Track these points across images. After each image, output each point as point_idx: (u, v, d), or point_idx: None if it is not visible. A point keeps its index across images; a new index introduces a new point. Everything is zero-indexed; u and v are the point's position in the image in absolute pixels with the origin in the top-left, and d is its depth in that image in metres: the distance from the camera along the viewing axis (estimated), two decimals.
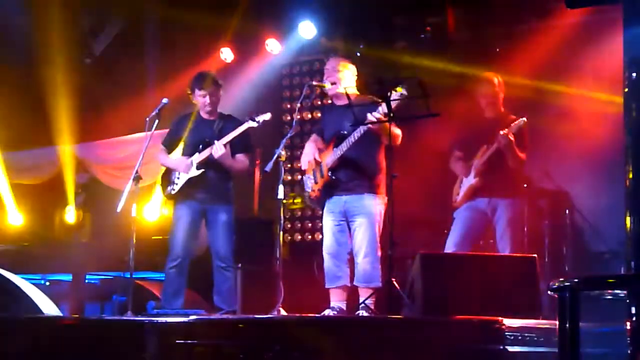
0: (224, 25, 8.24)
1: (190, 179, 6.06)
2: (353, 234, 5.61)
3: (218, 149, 5.94)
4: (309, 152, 5.83)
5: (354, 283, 5.60)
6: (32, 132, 9.06)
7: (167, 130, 6.39)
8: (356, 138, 5.48)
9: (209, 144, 6.02)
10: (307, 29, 8.13)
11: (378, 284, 5.47)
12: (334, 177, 5.65)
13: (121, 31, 8.78)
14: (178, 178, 6.11)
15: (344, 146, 5.56)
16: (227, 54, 8.57)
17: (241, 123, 6.13)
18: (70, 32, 8.56)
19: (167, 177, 6.21)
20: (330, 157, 5.68)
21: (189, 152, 6.15)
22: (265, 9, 8.09)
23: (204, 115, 6.21)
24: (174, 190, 6.11)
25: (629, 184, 3.26)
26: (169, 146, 6.29)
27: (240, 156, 6.13)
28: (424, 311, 4.14)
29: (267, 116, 6.07)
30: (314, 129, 5.99)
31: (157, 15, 8.29)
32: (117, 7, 8.46)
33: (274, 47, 8.46)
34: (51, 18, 8.20)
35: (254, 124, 6.01)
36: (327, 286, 5.68)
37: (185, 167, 6.06)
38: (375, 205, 5.57)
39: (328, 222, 5.70)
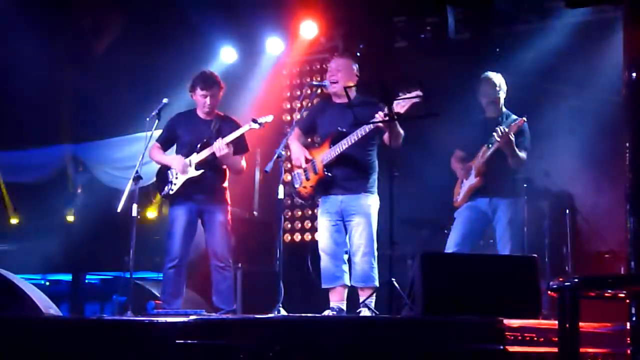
0: (225, 25, 8.24)
1: (188, 180, 6.04)
2: (350, 234, 5.61)
3: (220, 148, 5.92)
4: (300, 150, 5.80)
5: (352, 283, 5.60)
6: (32, 132, 9.06)
7: None
8: (358, 137, 5.48)
9: (207, 144, 6.01)
10: (307, 29, 8.12)
11: (376, 284, 5.48)
12: (329, 174, 5.65)
13: (122, 31, 8.77)
14: (176, 178, 6.07)
15: (344, 144, 5.55)
16: (228, 54, 8.56)
17: (237, 123, 6.11)
18: (72, 31, 8.57)
19: (163, 176, 6.16)
20: (326, 154, 5.66)
21: (185, 152, 6.10)
22: (266, 9, 8.08)
23: (201, 115, 6.18)
24: (172, 190, 6.07)
25: (629, 184, 3.26)
26: (164, 144, 6.24)
27: (237, 157, 6.12)
28: (424, 311, 4.13)
29: (268, 118, 6.05)
30: (298, 124, 5.87)
31: (158, 15, 8.28)
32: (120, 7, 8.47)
33: (275, 47, 8.45)
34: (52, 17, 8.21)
35: (256, 126, 5.99)
36: (324, 286, 5.69)
37: (183, 167, 6.03)
38: (371, 204, 5.59)
39: (324, 222, 5.70)
